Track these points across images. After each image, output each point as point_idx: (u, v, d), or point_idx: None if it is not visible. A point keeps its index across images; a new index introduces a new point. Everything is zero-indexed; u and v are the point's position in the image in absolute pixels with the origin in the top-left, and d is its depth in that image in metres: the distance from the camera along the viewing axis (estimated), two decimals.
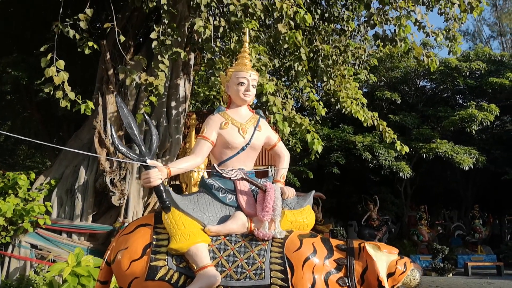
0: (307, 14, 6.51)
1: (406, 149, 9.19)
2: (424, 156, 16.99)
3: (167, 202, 3.01)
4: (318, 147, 7.42)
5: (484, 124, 16.91)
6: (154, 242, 3.06)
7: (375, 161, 17.08)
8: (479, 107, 17.07)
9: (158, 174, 3.00)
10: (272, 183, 3.44)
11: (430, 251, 16.91)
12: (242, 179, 3.24)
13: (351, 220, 20.98)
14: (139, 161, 2.97)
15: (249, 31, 6.92)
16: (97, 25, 8.74)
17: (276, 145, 3.77)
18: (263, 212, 3.17)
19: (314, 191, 3.58)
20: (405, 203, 19.69)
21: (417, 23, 7.81)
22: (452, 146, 16.80)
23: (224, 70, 6.13)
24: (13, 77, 9.45)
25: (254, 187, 3.37)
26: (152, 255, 3.01)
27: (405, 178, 17.27)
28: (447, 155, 16.48)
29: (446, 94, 21.07)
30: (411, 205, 19.60)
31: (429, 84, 21.52)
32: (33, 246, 8.17)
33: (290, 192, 3.40)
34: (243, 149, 3.48)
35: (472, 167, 16.42)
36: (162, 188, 3.00)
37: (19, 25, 9.98)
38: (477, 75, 19.77)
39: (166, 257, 3.03)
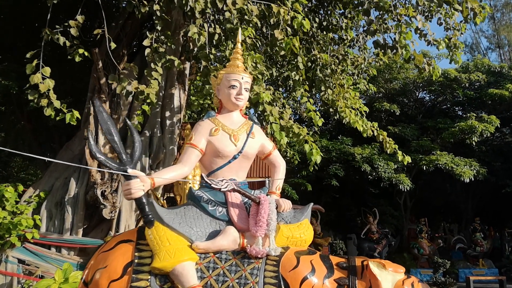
0: (305, 20, 6.29)
1: (408, 159, 8.94)
2: (424, 168, 16.76)
3: (150, 216, 2.73)
4: (317, 157, 7.16)
5: (485, 135, 16.70)
6: (136, 261, 2.78)
7: (374, 173, 16.88)
8: (479, 119, 16.89)
9: (140, 185, 2.73)
10: (267, 195, 3.18)
11: (430, 264, 16.70)
12: (234, 190, 2.96)
13: (350, 233, 20.69)
14: (119, 171, 2.70)
15: (241, 32, 6.70)
16: (90, 35, 8.53)
17: (271, 153, 3.51)
18: (256, 226, 2.90)
19: (312, 204, 3.31)
20: (404, 215, 19.44)
21: (418, 31, 7.59)
22: (452, 158, 16.59)
23: None
24: (3, 87, 9.19)
25: (246, 199, 3.10)
26: (133, 275, 2.74)
27: (405, 190, 17.05)
28: (447, 167, 16.27)
29: (445, 106, 20.94)
30: (410, 217, 19.38)
31: (428, 95, 21.39)
32: (20, 261, 7.82)
33: (286, 204, 3.13)
34: (235, 157, 3.22)
35: (473, 179, 16.19)
36: (144, 200, 2.73)
37: (10, 33, 9.75)
38: (476, 86, 19.64)
39: (149, 277, 2.75)
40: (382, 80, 19.69)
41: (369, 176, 17.04)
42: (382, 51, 7.29)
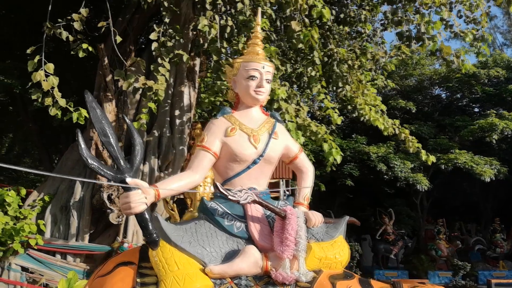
0: (325, 8, 5.80)
1: (432, 158, 8.43)
2: (443, 168, 16.17)
3: (154, 235, 2.23)
4: (337, 157, 6.69)
5: (505, 133, 16.09)
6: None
7: (390, 173, 16.34)
8: (499, 116, 16.30)
9: (142, 197, 2.23)
10: (293, 206, 2.69)
11: (449, 267, 16.16)
12: (254, 202, 2.46)
13: (365, 234, 20.26)
14: (115, 180, 2.22)
15: (261, 12, 6.25)
16: (95, 29, 8.14)
17: (297, 157, 3.00)
18: (282, 246, 2.41)
19: (347, 217, 2.81)
20: (421, 216, 18.89)
21: (444, 22, 7.07)
22: (471, 157, 15.99)
23: None
24: (6, 86, 8.82)
25: (269, 212, 2.61)
26: None
27: (423, 190, 16.49)
28: (466, 166, 15.68)
29: (463, 103, 20.31)
30: (427, 218, 18.85)
31: (445, 92, 20.78)
32: (24, 269, 7.54)
33: (317, 218, 2.64)
34: (255, 162, 2.73)
35: (493, 178, 15.60)
36: (147, 216, 2.23)
37: (11, 29, 9.37)
38: (495, 82, 19.03)
39: None
40: (397, 77, 19.12)
41: (385, 176, 16.49)
42: (407, 43, 6.78)
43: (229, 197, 2.38)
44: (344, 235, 2.69)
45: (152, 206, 7.19)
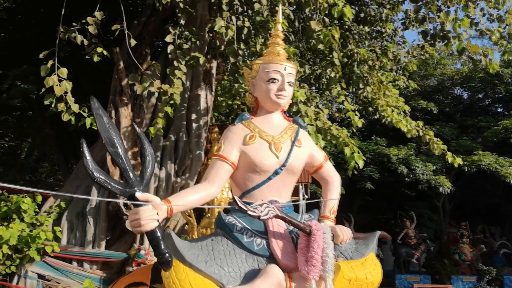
0: (346, 7, 5.57)
1: (459, 161, 8.13)
2: (466, 170, 15.77)
3: (167, 255, 2.01)
4: (359, 162, 6.44)
5: None
6: None
7: (411, 175, 15.99)
8: None
9: (153, 213, 2.02)
10: (318, 220, 2.47)
11: (473, 271, 15.75)
12: (277, 217, 2.23)
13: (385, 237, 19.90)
14: (124, 194, 2.01)
15: (282, 11, 6.04)
16: (110, 33, 8.05)
17: (322, 166, 2.75)
18: (308, 266, 2.18)
19: (378, 232, 2.57)
20: (443, 219, 18.48)
21: (469, 20, 6.78)
22: (496, 158, 15.56)
23: None
24: (22, 91, 8.75)
25: (293, 227, 2.39)
26: None
27: (445, 193, 16.10)
28: (491, 168, 15.27)
29: (485, 103, 19.84)
30: (449, 221, 18.44)
31: (467, 92, 20.34)
32: (40, 276, 7.44)
33: (346, 234, 2.41)
34: (276, 173, 2.49)
35: None
36: (159, 234, 2.01)
37: (27, 34, 9.31)
38: None
39: None
40: (417, 77, 18.76)
41: (406, 179, 16.15)
42: (431, 42, 6.51)
43: (249, 212, 2.14)
44: (375, 252, 2.45)
45: None
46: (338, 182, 2.83)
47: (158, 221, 2.04)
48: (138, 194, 2.00)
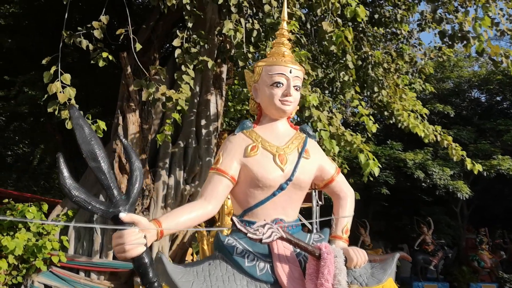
0: (359, 7, 5.30)
1: (479, 167, 7.80)
2: (485, 174, 15.37)
3: (156, 285, 1.77)
4: (375, 169, 6.15)
5: None
6: None
7: (428, 181, 15.63)
8: None
9: (139, 236, 1.79)
10: (329, 241, 2.21)
11: (492, 278, 15.33)
12: (281, 239, 1.98)
13: (401, 244, 19.54)
14: (107, 215, 1.79)
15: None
16: (117, 38, 7.91)
17: (333, 179, 2.48)
18: None
19: (398, 254, 2.30)
20: (461, 225, 18.05)
21: (489, 18, 6.46)
22: None
23: None
24: (30, 97, 8.64)
25: (300, 250, 2.14)
26: None
27: (464, 199, 15.71)
28: (510, 173, 14.88)
29: (504, 105, 19.40)
30: (467, 227, 18.02)
31: (484, 95, 19.91)
32: (47, 287, 7.25)
33: (360, 257, 2.14)
34: (281, 188, 2.24)
35: None
36: (146, 260, 1.78)
37: (35, 39, 9.20)
38: None
39: None
40: (433, 80, 18.40)
41: (423, 184, 15.80)
42: (449, 43, 6.21)
43: (249, 235, 1.87)
44: (394, 277, 2.18)
45: None
46: (352, 197, 2.55)
47: (145, 245, 1.80)
48: (123, 215, 1.77)
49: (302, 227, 2.36)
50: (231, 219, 1.86)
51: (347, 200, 2.51)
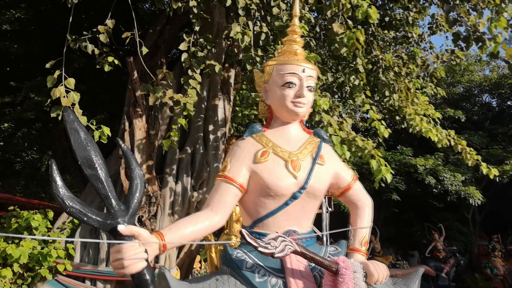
0: (371, 8, 5.15)
1: (495, 172, 7.61)
2: (497, 180, 15.14)
3: None
4: (387, 175, 5.97)
5: None
6: None
7: (439, 186, 15.41)
8: None
9: (140, 251, 1.63)
10: (346, 254, 2.05)
11: (506, 286, 15.13)
12: (295, 253, 1.81)
13: (412, 250, 19.31)
14: (104, 227, 1.64)
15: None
16: (124, 43, 7.83)
17: (350, 187, 2.30)
18: None
19: (421, 269, 2.14)
20: (473, 231, 17.80)
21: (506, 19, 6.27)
22: None
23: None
24: (36, 103, 8.56)
25: (315, 264, 1.96)
26: None
27: (476, 205, 15.46)
28: None
29: None
30: (479, 233, 17.77)
31: (495, 99, 19.67)
32: None
33: (381, 272, 1.97)
34: (294, 197, 2.07)
35: None
36: (148, 277, 1.62)
37: (42, 45, 9.13)
38: None
39: None
40: (444, 84, 18.20)
41: (434, 190, 15.58)
42: (464, 45, 6.04)
43: (260, 249, 1.71)
44: None
45: None
46: (370, 206, 2.37)
47: (146, 260, 1.65)
48: (122, 228, 1.60)
49: (316, 239, 2.20)
50: (240, 232, 1.70)
51: (365, 209, 2.34)
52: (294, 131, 2.25)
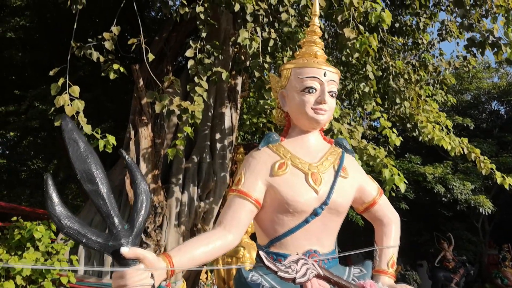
0: (384, 12, 4.99)
1: (510, 181, 7.42)
2: (508, 189, 14.88)
3: None
4: (401, 185, 5.79)
5: None
6: None
7: (449, 195, 15.17)
8: None
9: (145, 276, 1.46)
10: (372, 276, 1.88)
11: None
12: (319, 277, 1.61)
13: (420, 260, 19.04)
14: (106, 250, 1.45)
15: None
16: (130, 50, 7.73)
17: (376, 202, 2.11)
18: None
19: None
20: (483, 241, 17.52)
21: None
22: None
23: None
24: (41, 111, 8.44)
25: None
26: None
27: (486, 214, 15.21)
28: None
29: None
30: (489, 243, 17.50)
31: (504, 107, 19.45)
32: None
33: None
34: (316, 213, 1.87)
35: None
36: None
37: (47, 53, 9.04)
38: None
39: None
40: (452, 91, 18.02)
41: (443, 198, 15.34)
42: (479, 50, 5.86)
43: (279, 273, 1.50)
44: None
45: None
46: (397, 223, 2.18)
47: (153, 286, 1.48)
48: (125, 250, 1.43)
49: (338, 261, 2.02)
50: (257, 254, 1.52)
51: (391, 226, 2.15)
52: (314, 141, 2.06)
